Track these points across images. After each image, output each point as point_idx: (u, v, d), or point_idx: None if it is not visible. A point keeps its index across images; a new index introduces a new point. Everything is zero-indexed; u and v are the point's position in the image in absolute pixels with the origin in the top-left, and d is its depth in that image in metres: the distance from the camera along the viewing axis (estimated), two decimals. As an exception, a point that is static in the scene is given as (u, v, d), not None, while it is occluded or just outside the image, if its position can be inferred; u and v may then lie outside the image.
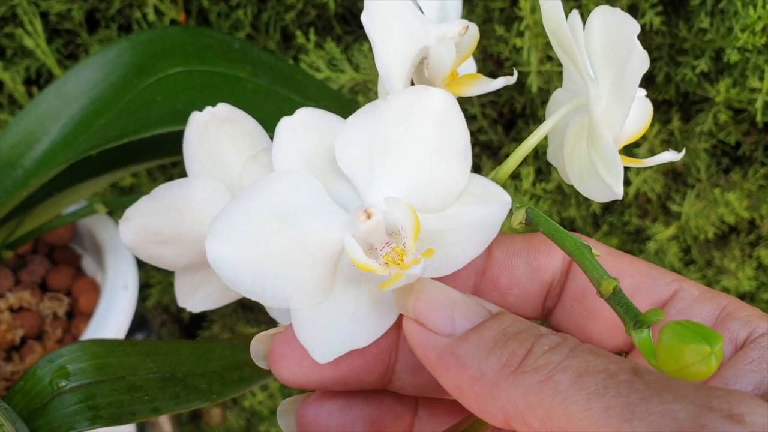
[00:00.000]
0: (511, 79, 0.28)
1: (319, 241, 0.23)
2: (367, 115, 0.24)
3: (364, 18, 0.26)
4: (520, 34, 0.58)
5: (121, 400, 0.37)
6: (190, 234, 0.30)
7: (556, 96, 0.30)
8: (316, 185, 0.24)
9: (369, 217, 0.22)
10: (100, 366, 0.37)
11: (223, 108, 0.30)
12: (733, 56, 0.57)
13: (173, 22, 0.63)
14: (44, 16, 0.64)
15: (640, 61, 0.23)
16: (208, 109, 0.30)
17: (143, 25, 0.63)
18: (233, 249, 0.23)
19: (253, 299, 0.24)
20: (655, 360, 0.19)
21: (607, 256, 0.26)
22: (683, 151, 0.28)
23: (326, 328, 0.24)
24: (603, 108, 0.25)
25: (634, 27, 0.23)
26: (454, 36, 0.27)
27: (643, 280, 0.26)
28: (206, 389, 0.39)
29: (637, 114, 0.27)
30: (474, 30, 0.29)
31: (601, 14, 0.25)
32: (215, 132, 0.30)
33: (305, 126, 0.25)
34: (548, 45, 0.58)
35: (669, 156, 0.27)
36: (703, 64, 0.59)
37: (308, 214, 0.23)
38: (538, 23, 0.56)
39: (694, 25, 0.59)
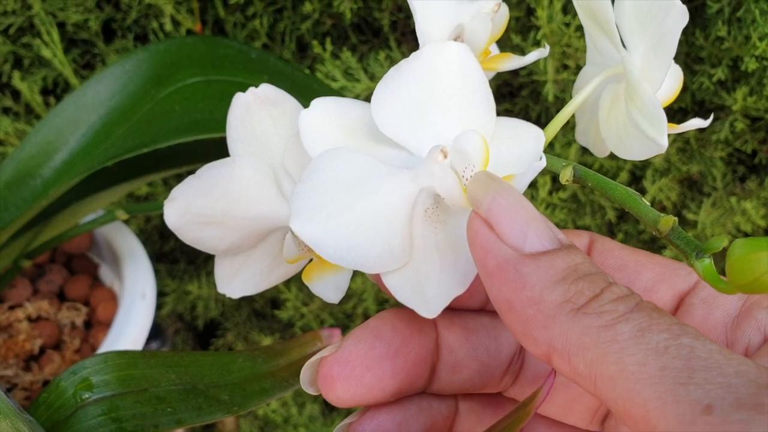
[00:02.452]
0: (544, 52, 0.29)
1: (393, 202, 0.24)
2: (394, 77, 0.25)
3: None
4: (537, 43, 0.58)
5: (145, 412, 0.37)
6: (232, 214, 0.30)
7: (585, 72, 0.30)
8: (366, 156, 0.24)
9: (445, 155, 0.23)
10: (124, 378, 0.37)
11: (266, 88, 0.30)
12: (751, 65, 0.56)
13: (189, 32, 0.63)
14: (61, 26, 0.65)
15: (679, 15, 0.24)
16: (251, 89, 0.30)
17: (160, 35, 0.63)
18: (318, 224, 0.23)
19: (351, 268, 0.24)
20: (724, 282, 0.18)
21: (623, 251, 0.27)
22: (711, 117, 0.28)
23: (423, 285, 0.24)
24: (640, 69, 0.25)
25: None
26: (488, 12, 0.28)
27: (663, 272, 0.26)
28: (227, 401, 0.39)
29: (669, 78, 0.28)
30: (505, 9, 0.29)
31: None
32: (257, 112, 0.30)
33: (324, 115, 0.25)
34: (564, 54, 0.58)
35: (697, 122, 0.28)
36: (720, 73, 0.59)
37: (373, 178, 0.24)
38: (555, 32, 0.56)
39: (711, 33, 0.59)
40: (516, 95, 0.67)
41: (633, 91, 0.25)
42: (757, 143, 0.66)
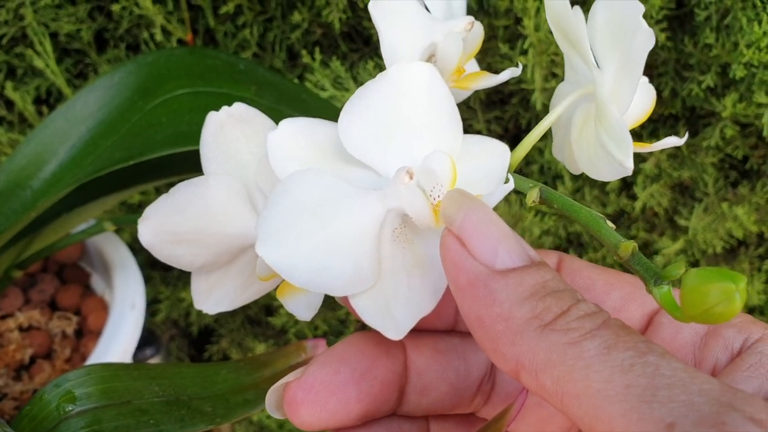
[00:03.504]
0: (516, 71, 0.29)
1: (359, 223, 0.24)
2: (361, 98, 0.25)
3: (372, 7, 0.27)
4: (524, 53, 0.58)
5: (127, 424, 0.37)
6: (206, 232, 0.30)
7: (560, 89, 0.30)
8: (334, 177, 0.24)
9: (411, 176, 0.23)
10: (107, 390, 0.38)
11: (239, 107, 0.31)
12: (739, 72, 0.56)
13: (180, 41, 0.64)
14: (54, 36, 0.65)
15: (646, 37, 0.23)
16: (224, 108, 0.31)
17: (151, 45, 0.64)
18: (284, 249, 0.23)
19: (318, 291, 0.24)
20: (679, 310, 0.18)
21: (591, 270, 0.27)
22: (686, 136, 0.28)
23: (390, 306, 0.24)
24: (609, 89, 0.25)
25: (638, 7, 0.24)
26: (460, 31, 0.28)
27: (632, 291, 0.26)
28: (211, 412, 0.39)
29: (640, 98, 0.28)
30: (479, 28, 0.29)
31: (605, 2, 0.26)
32: (231, 131, 0.30)
33: (292, 136, 0.25)
34: (552, 63, 0.58)
35: (673, 141, 0.28)
36: (709, 80, 0.59)
37: (341, 200, 0.24)
38: (542, 41, 0.57)
39: (700, 40, 0.59)
40: (506, 103, 0.67)
41: (601, 112, 0.25)
42: (748, 149, 0.66)
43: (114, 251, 0.58)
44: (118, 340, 0.51)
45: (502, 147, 0.26)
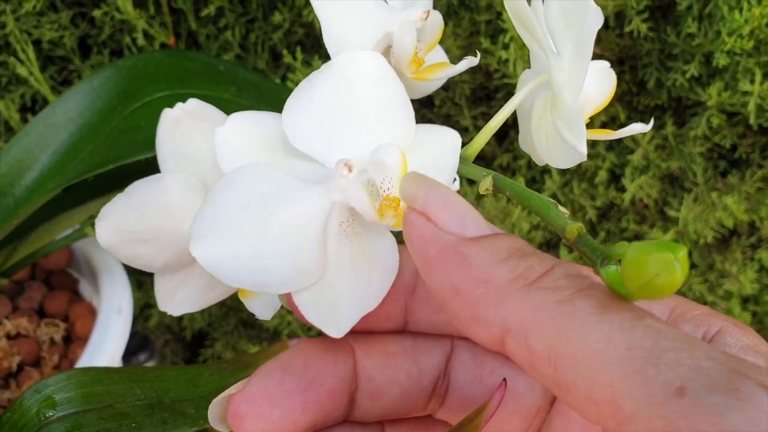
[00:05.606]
0: (473, 61, 0.28)
1: (303, 218, 0.23)
2: (306, 90, 0.24)
3: (316, 1, 0.26)
4: (506, 47, 0.58)
5: (109, 428, 0.37)
6: (165, 231, 0.30)
7: (524, 77, 0.30)
8: (277, 171, 0.24)
9: (350, 169, 0.22)
10: (87, 394, 0.37)
11: (194, 103, 0.30)
12: (722, 60, 0.56)
13: (163, 45, 0.64)
14: (37, 43, 0.65)
15: (594, 18, 0.23)
16: (179, 104, 0.30)
17: (134, 50, 0.64)
18: (220, 247, 0.22)
19: (257, 291, 0.23)
20: (625, 288, 0.18)
21: None
22: (651, 123, 0.28)
23: (334, 302, 0.23)
24: (568, 74, 0.25)
25: None
26: (415, 20, 0.27)
27: None
28: (194, 414, 0.39)
29: (600, 83, 0.28)
30: (437, 17, 0.29)
31: None
32: (187, 128, 0.30)
33: (241, 130, 0.25)
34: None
35: (638, 127, 0.27)
36: (694, 69, 0.59)
37: (284, 195, 0.23)
38: (524, 34, 0.56)
39: (683, 30, 0.58)
40: (492, 98, 0.67)
41: (555, 98, 0.25)
42: (736, 137, 0.65)
43: (100, 256, 0.58)
44: (106, 346, 0.51)
45: (453, 134, 0.26)
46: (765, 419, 0.14)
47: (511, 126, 0.68)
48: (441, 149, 0.25)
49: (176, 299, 0.30)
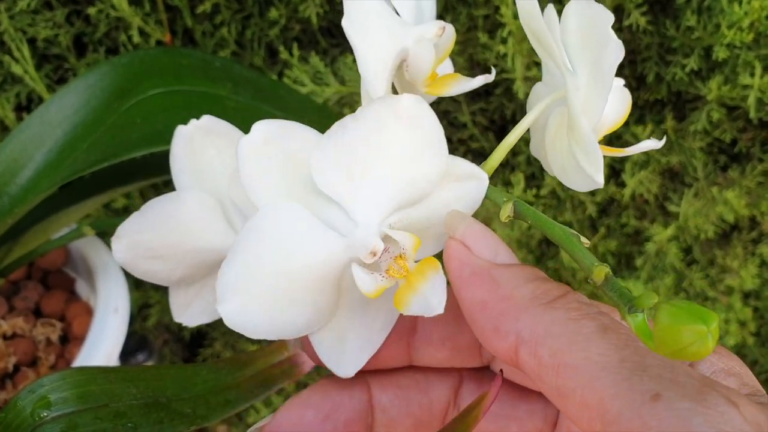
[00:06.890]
0: (489, 77, 0.28)
1: (322, 267, 0.24)
2: (338, 134, 0.24)
3: (345, 22, 0.26)
4: (504, 41, 0.57)
5: (104, 428, 0.36)
6: (181, 248, 0.30)
7: (536, 90, 0.30)
8: (302, 214, 0.24)
9: (375, 254, 0.24)
10: (82, 394, 0.37)
11: (207, 120, 0.30)
12: (721, 53, 0.56)
13: (159, 43, 0.63)
14: (32, 42, 0.65)
15: (615, 52, 0.23)
16: (193, 121, 0.30)
17: (129, 48, 0.63)
18: (245, 305, 0.23)
19: (279, 338, 0.26)
20: (653, 342, 0.19)
21: None
22: (664, 139, 0.28)
23: (344, 343, 0.25)
24: (582, 98, 0.25)
25: (607, 18, 0.24)
26: (432, 37, 0.27)
27: None
28: (190, 413, 0.39)
29: (615, 103, 0.28)
30: (450, 30, 0.29)
31: (576, 7, 0.25)
32: (201, 144, 0.30)
33: (265, 145, 0.24)
34: (533, 50, 0.58)
35: (650, 144, 0.28)
36: (693, 63, 0.59)
37: (305, 246, 0.24)
38: (521, 29, 0.56)
39: (682, 23, 0.58)
40: (491, 94, 0.66)
41: (572, 122, 0.24)
42: (736, 132, 0.65)
43: (97, 256, 0.57)
44: (102, 345, 0.51)
45: (479, 171, 0.26)
46: (724, 423, 0.17)
47: (509, 121, 0.67)
48: (465, 185, 0.25)
49: (191, 311, 0.30)
